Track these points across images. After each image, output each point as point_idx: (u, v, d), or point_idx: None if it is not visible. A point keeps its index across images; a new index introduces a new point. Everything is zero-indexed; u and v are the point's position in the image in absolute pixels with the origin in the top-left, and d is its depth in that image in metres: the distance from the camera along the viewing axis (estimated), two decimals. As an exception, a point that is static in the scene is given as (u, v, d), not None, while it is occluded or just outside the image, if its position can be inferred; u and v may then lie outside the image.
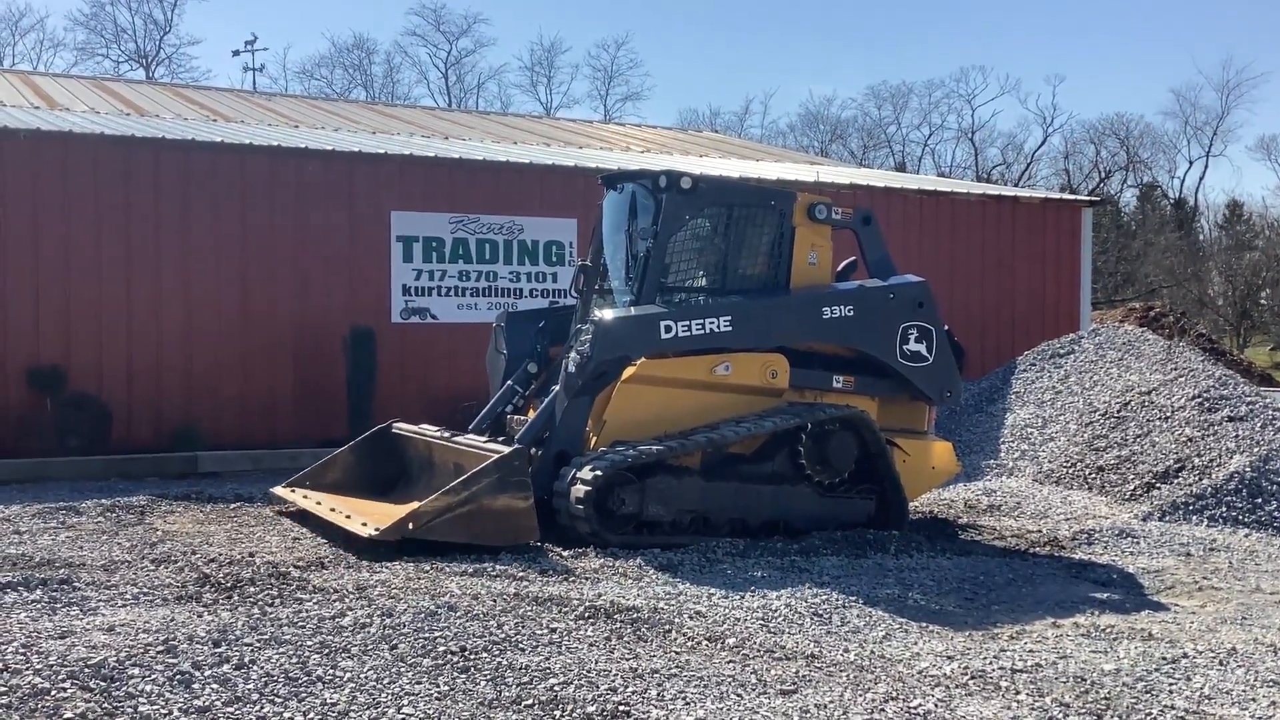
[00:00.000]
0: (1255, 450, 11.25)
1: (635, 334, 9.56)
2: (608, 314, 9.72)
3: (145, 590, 7.22)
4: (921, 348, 10.28)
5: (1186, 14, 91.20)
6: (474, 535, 8.51)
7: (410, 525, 8.39)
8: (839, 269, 10.77)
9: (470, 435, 10.08)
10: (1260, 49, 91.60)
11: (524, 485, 8.68)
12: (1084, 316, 20.04)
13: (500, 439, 9.95)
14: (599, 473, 8.85)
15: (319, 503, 9.69)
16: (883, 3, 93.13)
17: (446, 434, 10.15)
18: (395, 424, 10.95)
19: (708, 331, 9.67)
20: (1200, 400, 12.40)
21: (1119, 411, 12.96)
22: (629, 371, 9.50)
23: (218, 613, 6.64)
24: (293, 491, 10.28)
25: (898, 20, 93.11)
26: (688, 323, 9.62)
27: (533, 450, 9.51)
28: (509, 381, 10.58)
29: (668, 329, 9.55)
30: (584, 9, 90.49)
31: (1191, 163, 63.97)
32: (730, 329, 9.74)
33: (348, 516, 9.04)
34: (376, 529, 8.42)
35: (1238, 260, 51.70)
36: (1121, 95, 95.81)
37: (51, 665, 5.52)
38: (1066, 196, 23.91)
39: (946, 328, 10.55)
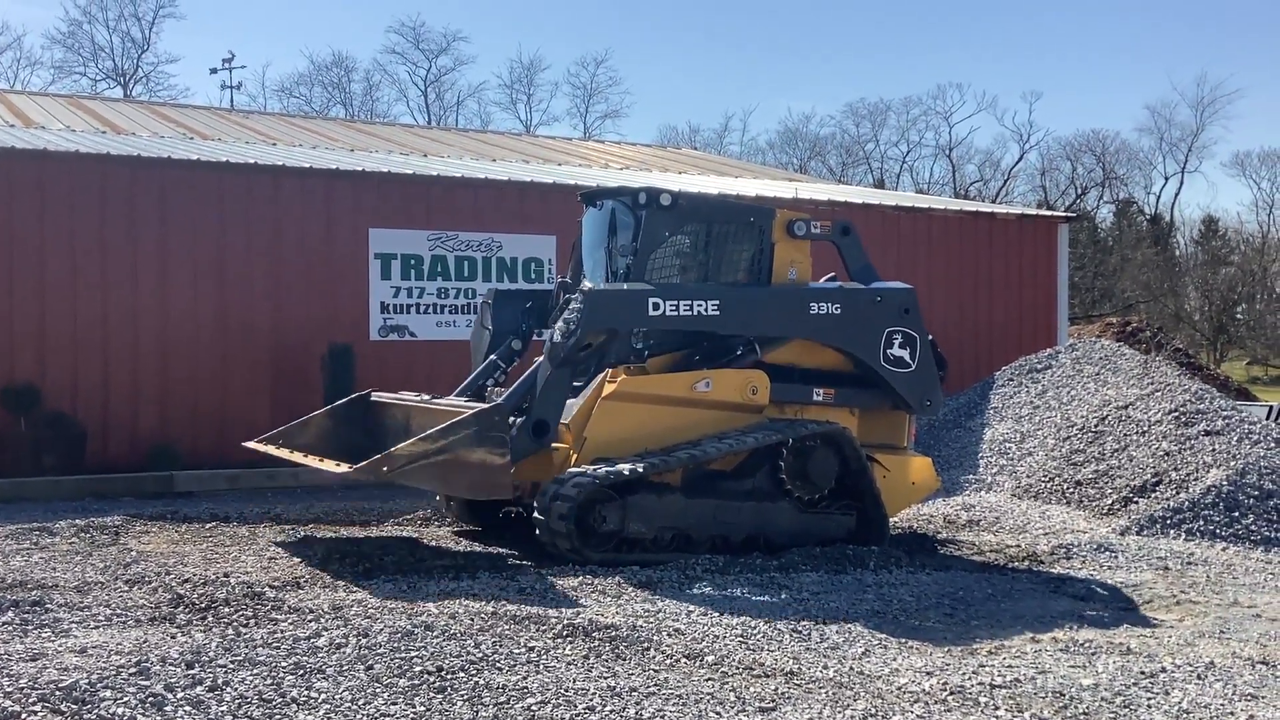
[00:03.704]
0: (1232, 464, 11.31)
1: (623, 307, 9.59)
2: (597, 285, 9.72)
3: (118, 611, 7.15)
4: (905, 354, 10.32)
5: (1161, 31, 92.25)
6: (447, 485, 8.47)
7: (385, 468, 8.32)
8: (820, 283, 10.80)
9: (450, 398, 10.06)
10: (1234, 66, 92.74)
11: (502, 441, 8.68)
12: (1061, 331, 20.13)
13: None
14: (580, 490, 8.82)
15: (291, 452, 9.70)
16: (860, 21, 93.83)
17: (427, 397, 10.18)
18: (373, 392, 10.97)
19: (695, 313, 9.70)
20: (1177, 414, 12.46)
21: (1096, 426, 13.00)
22: (609, 389, 9.48)
23: (191, 634, 6.57)
24: (264, 445, 10.29)
25: (875, 38, 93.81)
26: (676, 302, 9.65)
27: (511, 419, 9.50)
28: (492, 356, 10.58)
29: (655, 306, 9.58)
30: (563, 27, 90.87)
31: (1167, 179, 64.60)
32: (718, 313, 9.77)
33: (320, 460, 9.01)
34: (350, 467, 8.37)
35: (1213, 275, 52.19)
36: (1097, 112, 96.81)
37: (22, 688, 5.45)
38: (1043, 212, 24.05)
39: (931, 338, 10.59)
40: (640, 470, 9.04)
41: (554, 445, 9.71)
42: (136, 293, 14.33)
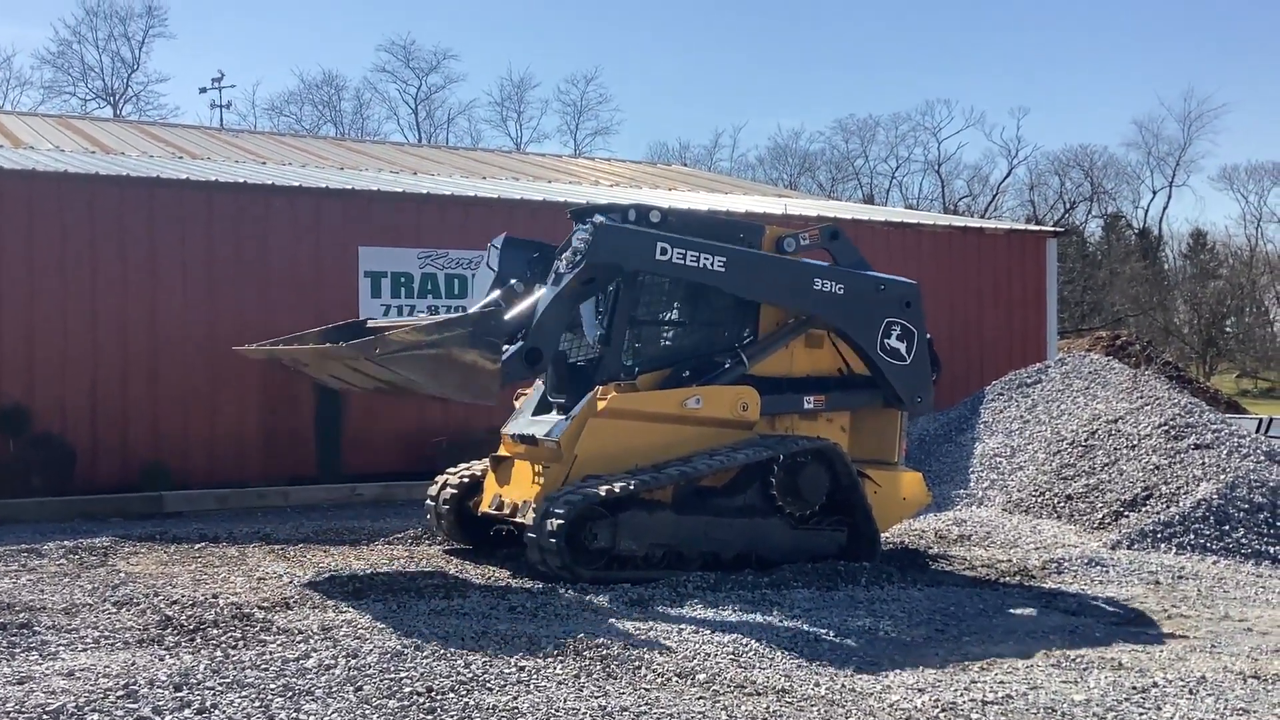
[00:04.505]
0: (1222, 477, 11.32)
1: (631, 244, 9.65)
2: (608, 220, 9.76)
3: (106, 634, 7.11)
4: (902, 346, 10.36)
5: (1148, 46, 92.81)
6: (435, 379, 8.40)
7: (378, 349, 8.29)
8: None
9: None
10: (1221, 81, 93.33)
11: (495, 347, 8.66)
12: (1051, 346, 20.16)
13: None
14: (571, 507, 8.80)
15: (281, 345, 9.75)
16: (848, 37, 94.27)
17: (424, 316, 10.17)
18: (369, 320, 10.99)
19: (701, 266, 9.73)
20: (1167, 428, 12.48)
21: (1086, 440, 13.02)
22: (600, 406, 9.47)
23: (179, 656, 6.54)
24: (254, 347, 10.39)
25: (863, 54, 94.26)
26: (684, 251, 9.68)
27: (506, 345, 9.43)
28: (494, 294, 10.56)
29: (663, 251, 9.64)
30: (553, 45, 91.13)
31: (1155, 193, 64.87)
32: (723, 270, 9.79)
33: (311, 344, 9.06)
34: (343, 344, 8.37)
35: (1202, 289, 52.45)
36: (1085, 127, 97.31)
37: (9, 712, 5.41)
38: (1031, 227, 24.13)
39: (929, 337, 10.61)
40: (631, 487, 9.02)
41: (545, 464, 9.70)
42: (126, 313, 14.30)
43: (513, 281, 10.50)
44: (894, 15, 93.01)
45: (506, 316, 9.50)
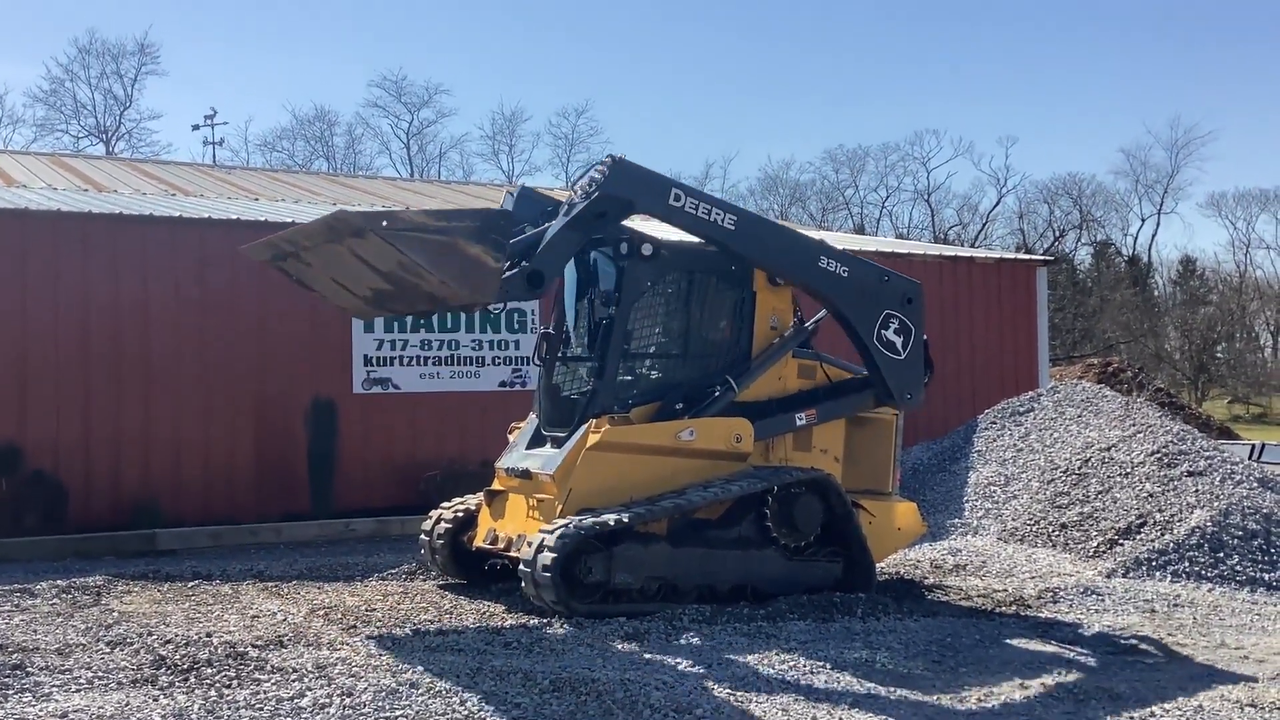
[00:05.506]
0: (1215, 504, 11.33)
1: (647, 186, 9.74)
2: (629, 159, 9.84)
3: (100, 674, 7.07)
4: (898, 341, 10.40)
5: (1135, 75, 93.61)
6: (437, 265, 8.34)
7: (384, 223, 8.29)
8: (806, 326, 10.84)
9: None
10: (1207, 108, 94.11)
11: (500, 246, 8.65)
12: (1043, 374, 20.20)
13: None
14: (565, 541, 8.78)
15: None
16: (837, 68, 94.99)
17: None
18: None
19: (711, 220, 9.79)
20: (1159, 456, 12.50)
21: (1080, 468, 13.03)
22: (594, 439, 9.47)
23: (174, 696, 6.50)
24: (263, 242, 10.23)
25: (852, 85, 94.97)
26: (696, 203, 9.77)
27: (509, 267, 9.34)
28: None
29: (677, 198, 9.72)
30: (544, 78, 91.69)
31: (1144, 220, 65.30)
32: (732, 229, 9.86)
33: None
34: (350, 208, 8.36)
35: (1193, 315, 52.67)
36: (1073, 155, 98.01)
37: (1, 755, 5.38)
38: (1021, 256, 24.22)
39: (925, 338, 10.65)
40: (626, 520, 9.01)
41: (539, 496, 9.69)
42: (119, 351, 14.27)
43: (525, 226, 10.48)
44: (883, 46, 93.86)
45: (512, 241, 9.45)
